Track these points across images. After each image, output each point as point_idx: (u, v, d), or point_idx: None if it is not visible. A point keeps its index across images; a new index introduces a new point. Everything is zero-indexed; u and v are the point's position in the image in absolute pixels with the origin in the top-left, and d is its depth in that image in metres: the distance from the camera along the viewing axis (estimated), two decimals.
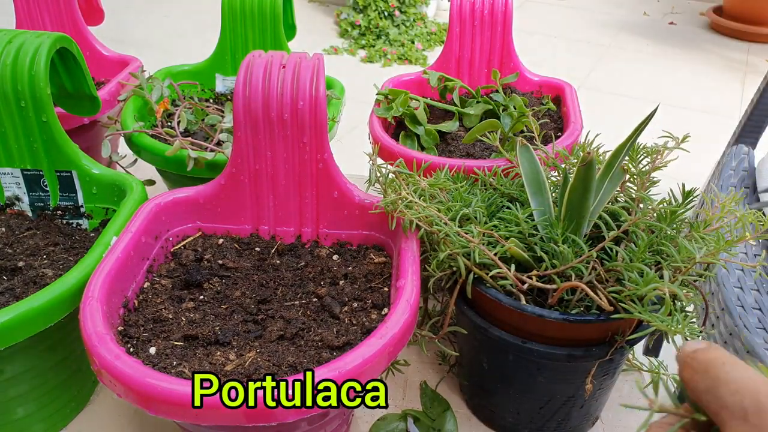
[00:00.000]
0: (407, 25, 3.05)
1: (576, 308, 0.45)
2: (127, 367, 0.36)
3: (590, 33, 3.12)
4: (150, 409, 0.35)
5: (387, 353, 0.38)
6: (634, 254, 0.45)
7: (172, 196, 0.53)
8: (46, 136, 0.57)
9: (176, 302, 0.47)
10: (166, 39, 2.83)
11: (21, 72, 0.55)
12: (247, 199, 0.55)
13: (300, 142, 0.52)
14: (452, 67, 0.85)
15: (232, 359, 0.41)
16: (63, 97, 0.66)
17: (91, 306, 0.40)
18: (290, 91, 0.50)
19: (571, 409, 0.51)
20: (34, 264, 0.53)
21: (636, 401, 0.59)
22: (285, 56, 0.52)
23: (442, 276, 0.49)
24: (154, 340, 0.43)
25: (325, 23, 3.29)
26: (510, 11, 0.83)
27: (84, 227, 0.60)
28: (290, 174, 0.53)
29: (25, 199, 0.60)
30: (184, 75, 0.86)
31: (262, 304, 0.48)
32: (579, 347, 0.46)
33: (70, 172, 0.59)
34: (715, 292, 1.00)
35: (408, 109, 0.74)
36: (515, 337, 0.47)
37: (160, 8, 3.22)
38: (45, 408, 0.50)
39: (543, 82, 0.84)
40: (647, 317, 0.41)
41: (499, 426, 0.54)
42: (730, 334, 0.94)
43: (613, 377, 0.51)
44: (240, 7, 0.84)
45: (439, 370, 0.60)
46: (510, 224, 0.49)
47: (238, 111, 0.51)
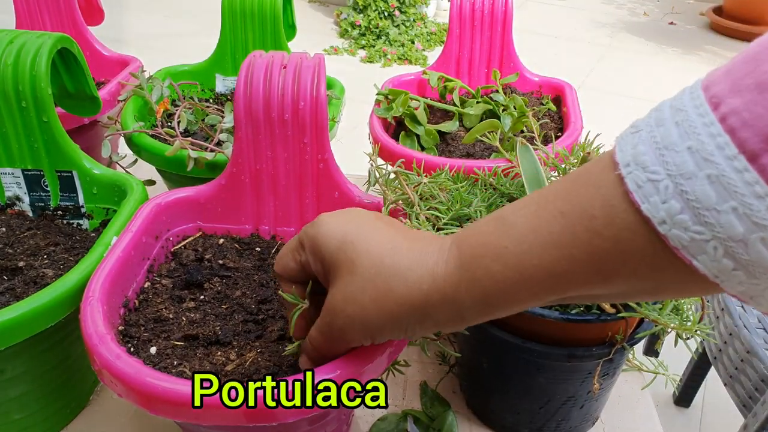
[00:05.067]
0: (407, 25, 3.05)
1: (576, 308, 0.45)
2: (128, 366, 0.36)
3: (590, 33, 3.12)
4: (150, 409, 0.35)
5: (387, 353, 0.38)
6: None
7: (173, 195, 0.53)
8: (47, 136, 0.57)
9: (177, 302, 0.47)
10: (166, 39, 2.83)
11: (22, 72, 0.55)
12: (248, 199, 0.55)
13: (301, 142, 0.52)
14: (452, 67, 0.85)
15: (233, 359, 0.41)
16: (64, 97, 0.66)
17: (91, 306, 0.40)
18: (291, 92, 0.50)
19: (571, 409, 0.52)
20: (34, 264, 0.53)
21: (636, 401, 0.59)
22: (286, 56, 0.52)
23: None
24: (154, 339, 0.43)
25: (326, 23, 3.29)
26: (510, 11, 0.83)
27: (84, 227, 0.60)
28: (291, 174, 0.53)
29: (26, 199, 0.60)
30: (184, 75, 0.86)
31: (262, 304, 0.48)
32: (579, 347, 0.46)
33: (71, 172, 0.59)
34: None
35: (408, 109, 0.74)
36: (515, 337, 0.47)
37: (160, 8, 3.22)
38: (45, 408, 0.50)
39: (543, 82, 0.84)
40: (654, 317, 0.42)
41: (499, 426, 0.54)
42: (729, 334, 0.94)
43: (613, 377, 0.52)
44: (240, 7, 0.84)
45: (439, 370, 0.61)
46: None
47: (239, 111, 0.51)
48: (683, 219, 0.23)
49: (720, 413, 1.36)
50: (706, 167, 0.22)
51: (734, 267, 0.23)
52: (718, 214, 0.22)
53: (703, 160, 0.22)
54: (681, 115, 0.24)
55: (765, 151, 0.21)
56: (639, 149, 0.24)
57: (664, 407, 1.36)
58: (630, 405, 0.58)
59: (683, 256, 0.24)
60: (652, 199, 0.24)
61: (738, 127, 0.22)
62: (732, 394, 0.92)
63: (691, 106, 0.23)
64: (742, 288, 0.24)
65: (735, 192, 0.22)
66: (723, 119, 0.22)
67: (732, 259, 0.23)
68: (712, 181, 0.22)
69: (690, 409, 1.36)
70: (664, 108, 0.25)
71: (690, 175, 0.23)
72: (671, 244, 0.24)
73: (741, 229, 0.22)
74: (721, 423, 1.35)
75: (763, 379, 0.85)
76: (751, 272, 0.23)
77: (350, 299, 0.33)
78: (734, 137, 0.22)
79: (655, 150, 0.24)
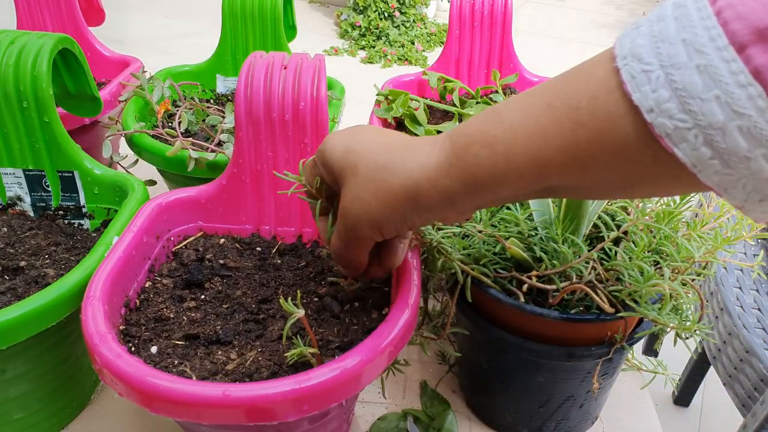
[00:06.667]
0: (407, 26, 3.06)
1: (575, 308, 0.46)
2: (129, 365, 0.36)
3: (590, 34, 3.12)
4: (151, 408, 0.35)
5: (388, 353, 0.39)
6: (634, 254, 0.46)
7: (174, 196, 0.54)
8: (48, 136, 0.58)
9: (177, 302, 0.48)
10: (167, 40, 2.83)
11: (23, 73, 0.55)
12: (249, 199, 0.55)
13: (301, 142, 0.52)
14: (452, 67, 0.85)
15: (234, 358, 0.42)
16: (65, 97, 0.66)
17: (92, 305, 0.40)
18: (292, 92, 0.51)
19: (571, 409, 0.52)
20: (35, 264, 0.53)
21: (635, 401, 0.59)
22: (286, 57, 0.53)
23: (443, 277, 0.49)
24: (155, 339, 0.43)
25: (326, 24, 3.29)
26: (510, 12, 0.83)
27: (86, 227, 0.60)
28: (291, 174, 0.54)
29: (27, 199, 0.61)
30: (185, 76, 0.86)
31: (263, 304, 0.48)
32: (578, 347, 0.46)
33: (72, 173, 0.59)
34: (714, 292, 1.00)
35: (408, 110, 0.74)
36: (515, 337, 0.47)
37: (161, 9, 3.22)
38: (46, 408, 0.50)
39: (543, 82, 0.84)
40: (654, 316, 0.42)
41: (499, 425, 0.55)
42: (729, 334, 0.94)
43: (613, 377, 0.52)
44: (240, 7, 0.84)
45: (439, 369, 0.61)
46: (510, 224, 0.50)
47: (239, 111, 0.51)
48: (670, 107, 0.24)
49: (719, 413, 1.37)
50: (697, 57, 0.24)
51: (711, 155, 0.24)
52: (701, 102, 0.23)
53: (695, 51, 0.24)
54: (681, 10, 0.25)
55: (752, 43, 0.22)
56: (637, 42, 0.26)
57: (663, 407, 1.36)
58: (629, 404, 0.58)
59: (666, 145, 0.25)
60: (643, 88, 0.25)
61: (731, 19, 0.23)
62: (731, 393, 0.92)
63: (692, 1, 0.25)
64: (717, 178, 0.25)
65: (720, 81, 0.23)
66: (719, 12, 0.23)
67: (710, 147, 0.24)
68: (700, 70, 0.23)
69: (689, 408, 1.37)
70: (667, 4, 0.26)
71: (681, 66, 0.24)
72: (656, 132, 0.25)
73: (721, 117, 0.23)
74: (720, 422, 1.35)
75: (762, 379, 0.85)
76: (726, 161, 0.24)
77: (355, 197, 0.36)
78: (726, 29, 0.23)
79: (652, 43, 0.25)
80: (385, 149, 0.36)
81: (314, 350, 0.39)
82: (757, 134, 0.23)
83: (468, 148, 0.32)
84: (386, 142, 0.36)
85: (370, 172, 0.36)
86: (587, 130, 0.27)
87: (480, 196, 0.32)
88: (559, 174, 0.29)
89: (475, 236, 0.49)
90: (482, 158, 0.31)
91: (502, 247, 0.47)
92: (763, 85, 0.22)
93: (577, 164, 0.28)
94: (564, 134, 0.28)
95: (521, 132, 0.30)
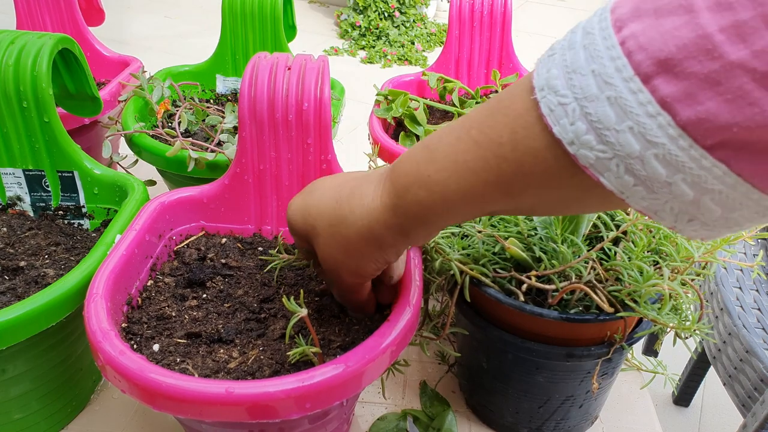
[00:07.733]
0: (407, 26, 3.06)
1: (575, 308, 0.46)
2: (132, 362, 0.36)
3: None
4: (154, 405, 0.35)
5: (389, 353, 0.39)
6: (633, 254, 0.46)
7: (177, 195, 0.54)
8: (48, 136, 0.58)
9: (179, 300, 0.48)
10: (167, 39, 2.83)
11: (23, 73, 0.55)
12: (251, 199, 0.55)
13: (304, 142, 0.52)
14: (452, 67, 0.86)
15: (235, 357, 0.42)
16: (65, 97, 0.66)
17: (95, 302, 0.41)
18: (295, 93, 0.51)
19: (570, 409, 0.52)
20: (35, 264, 0.53)
21: (635, 401, 0.59)
22: (290, 58, 0.53)
23: (442, 278, 0.49)
24: (157, 337, 0.43)
25: (326, 24, 3.29)
26: (509, 12, 0.83)
27: (85, 227, 0.60)
28: (294, 174, 0.54)
29: (27, 199, 0.61)
30: (185, 76, 0.87)
31: (264, 303, 0.48)
32: (578, 347, 0.47)
33: (72, 173, 0.59)
34: (714, 292, 1.00)
35: (408, 110, 0.74)
36: (514, 337, 0.47)
37: (161, 9, 3.22)
38: (46, 408, 0.51)
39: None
40: (653, 316, 0.42)
41: (498, 425, 0.55)
42: (729, 334, 0.94)
43: (612, 377, 0.52)
44: (240, 8, 0.84)
45: (438, 369, 0.61)
46: (509, 224, 0.50)
47: (243, 111, 0.51)
48: (588, 139, 0.25)
49: (719, 413, 1.37)
50: (606, 89, 0.24)
51: (635, 183, 0.25)
52: (617, 134, 0.24)
53: (604, 82, 0.24)
54: (589, 38, 0.25)
55: (656, 74, 0.22)
56: (552, 73, 0.26)
57: (663, 407, 1.37)
58: (629, 404, 0.59)
59: (592, 173, 0.25)
60: (561, 121, 0.25)
61: (634, 50, 0.23)
62: (731, 393, 0.93)
63: (598, 29, 0.25)
64: (645, 203, 0.25)
65: (630, 112, 0.23)
66: (623, 42, 0.23)
67: (632, 176, 0.24)
68: (611, 102, 0.24)
69: (689, 408, 1.37)
70: (578, 30, 0.26)
71: (593, 98, 0.24)
72: (581, 163, 0.25)
73: (637, 147, 0.23)
74: (720, 422, 1.35)
75: (762, 379, 0.85)
76: (649, 187, 0.24)
77: (326, 255, 0.39)
78: (631, 60, 0.23)
79: (565, 74, 0.25)
80: (333, 204, 0.38)
81: (316, 349, 0.39)
82: (673, 161, 0.23)
83: (408, 188, 0.33)
84: (333, 196, 0.38)
85: (327, 230, 0.38)
86: (511, 164, 0.28)
87: (431, 225, 0.34)
88: (496, 203, 0.30)
89: (475, 236, 0.49)
90: (422, 198, 0.32)
91: (501, 246, 0.48)
92: (671, 113, 0.22)
93: (508, 195, 0.29)
94: (490, 169, 0.29)
95: (452, 170, 0.31)
